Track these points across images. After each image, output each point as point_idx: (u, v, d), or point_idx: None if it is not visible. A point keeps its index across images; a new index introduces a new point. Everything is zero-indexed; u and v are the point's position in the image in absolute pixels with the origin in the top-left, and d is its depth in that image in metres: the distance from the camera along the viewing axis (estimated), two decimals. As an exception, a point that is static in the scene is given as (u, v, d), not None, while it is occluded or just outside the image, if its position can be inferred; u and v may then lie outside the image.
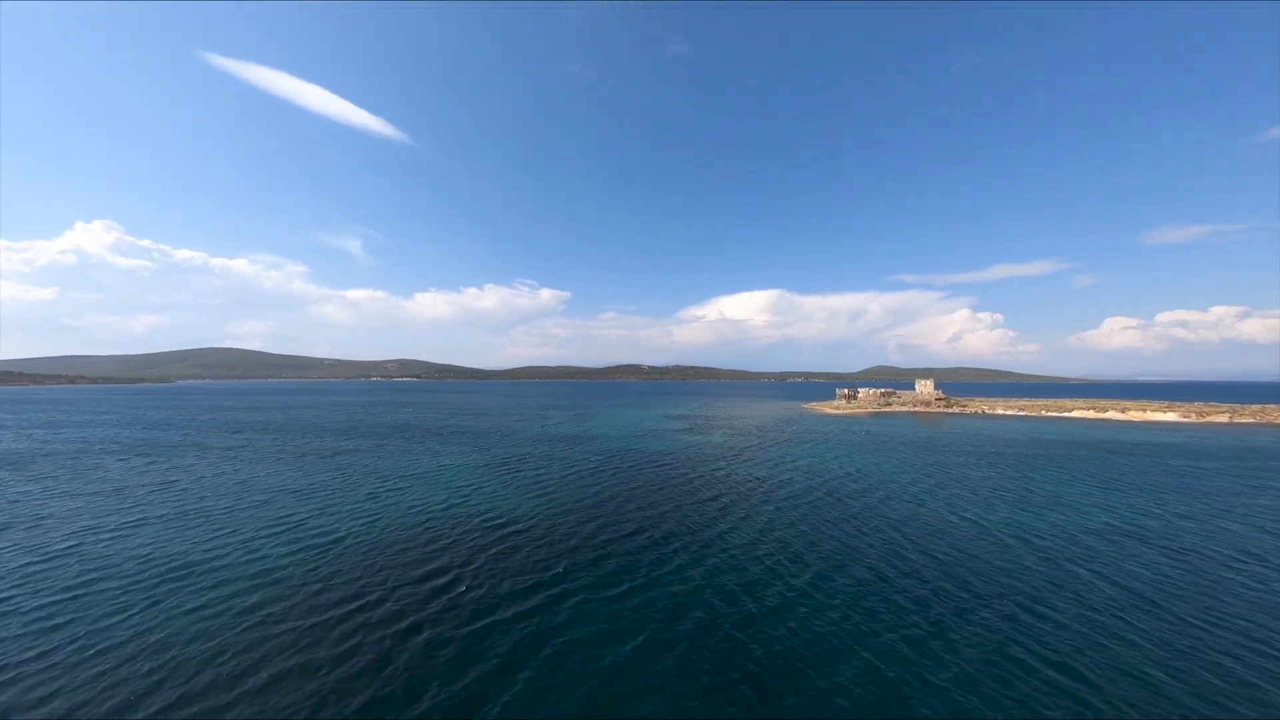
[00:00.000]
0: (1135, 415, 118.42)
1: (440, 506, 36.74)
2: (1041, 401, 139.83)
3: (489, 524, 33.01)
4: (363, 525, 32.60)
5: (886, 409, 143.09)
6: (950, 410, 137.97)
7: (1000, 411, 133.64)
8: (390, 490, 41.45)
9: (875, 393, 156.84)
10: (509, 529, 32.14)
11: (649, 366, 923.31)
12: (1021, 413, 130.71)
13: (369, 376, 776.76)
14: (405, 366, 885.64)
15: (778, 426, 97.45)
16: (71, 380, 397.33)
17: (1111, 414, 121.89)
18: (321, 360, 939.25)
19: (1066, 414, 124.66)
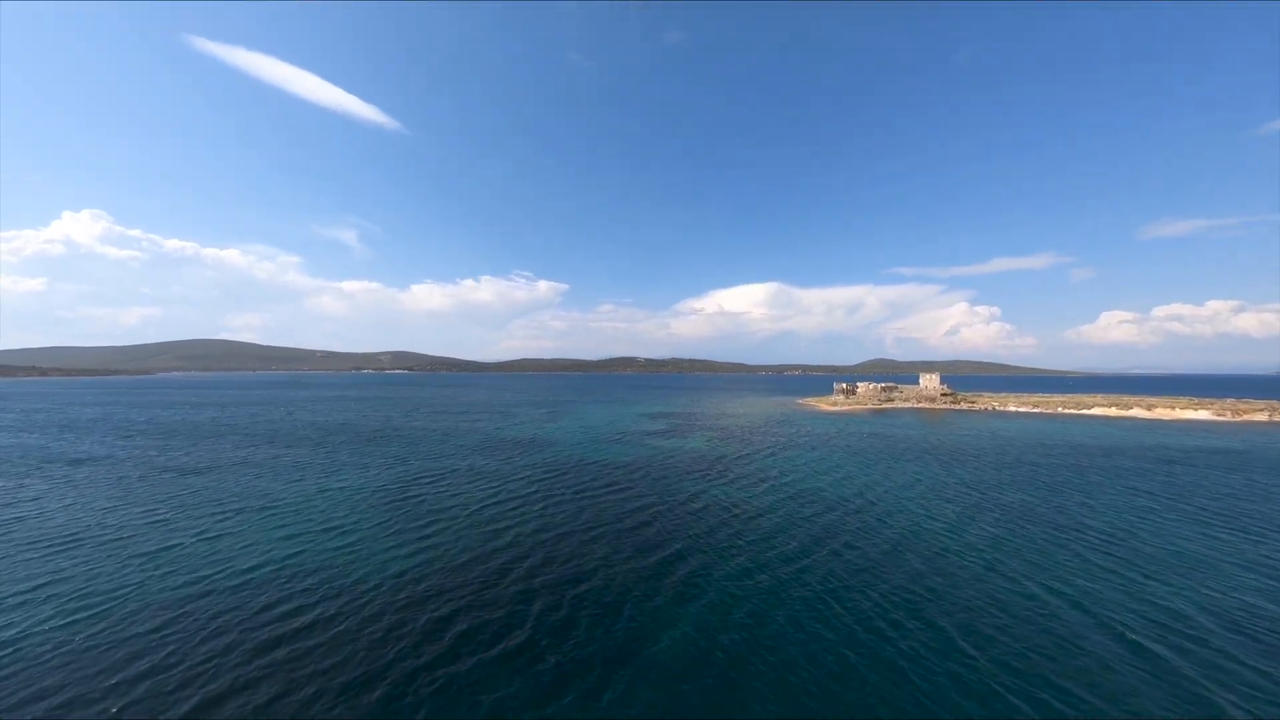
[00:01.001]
0: (1163, 413, 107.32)
1: (243, 570, 24.96)
2: (1056, 397, 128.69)
3: (288, 609, 21.29)
4: (73, 610, 20.91)
5: (888, 405, 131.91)
6: (957, 407, 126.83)
7: (1013, 409, 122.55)
8: (206, 537, 29.63)
9: (875, 388, 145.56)
10: (320, 617, 20.48)
11: (645, 359, 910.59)
12: (1036, 410, 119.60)
13: (361, 369, 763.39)
14: (399, 359, 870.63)
15: (769, 427, 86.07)
16: (44, 373, 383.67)
17: (1136, 412, 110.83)
18: (314, 352, 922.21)
19: (1086, 411, 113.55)
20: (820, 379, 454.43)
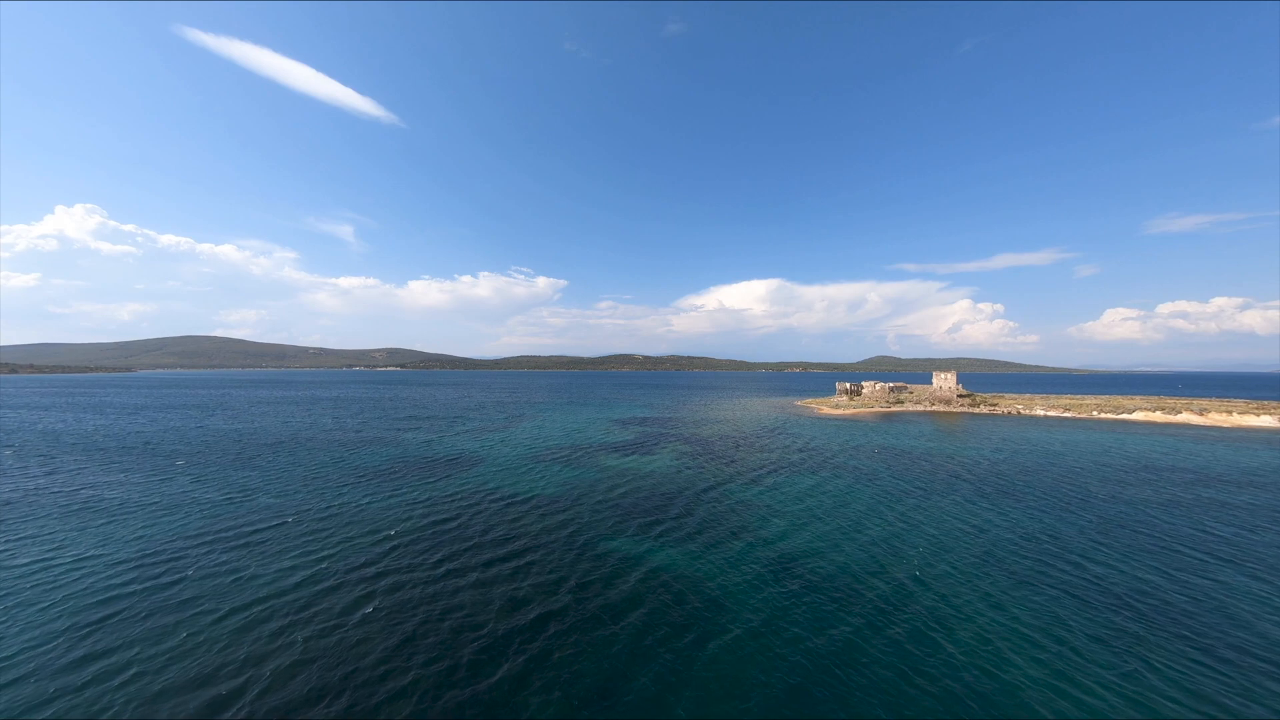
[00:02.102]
0: (1219, 419, 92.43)
1: None
2: (1089, 399, 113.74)
3: None
4: None
5: (897, 408, 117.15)
6: (977, 410, 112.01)
7: (1040, 412, 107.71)
8: None
9: (883, 388, 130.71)
10: None
11: (643, 356, 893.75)
12: (1068, 414, 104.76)
13: (352, 366, 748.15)
14: (394, 356, 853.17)
15: (759, 437, 71.42)
16: (14, 369, 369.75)
17: (1186, 417, 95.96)
18: (306, 349, 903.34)
19: (1127, 417, 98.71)
20: (821, 377, 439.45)
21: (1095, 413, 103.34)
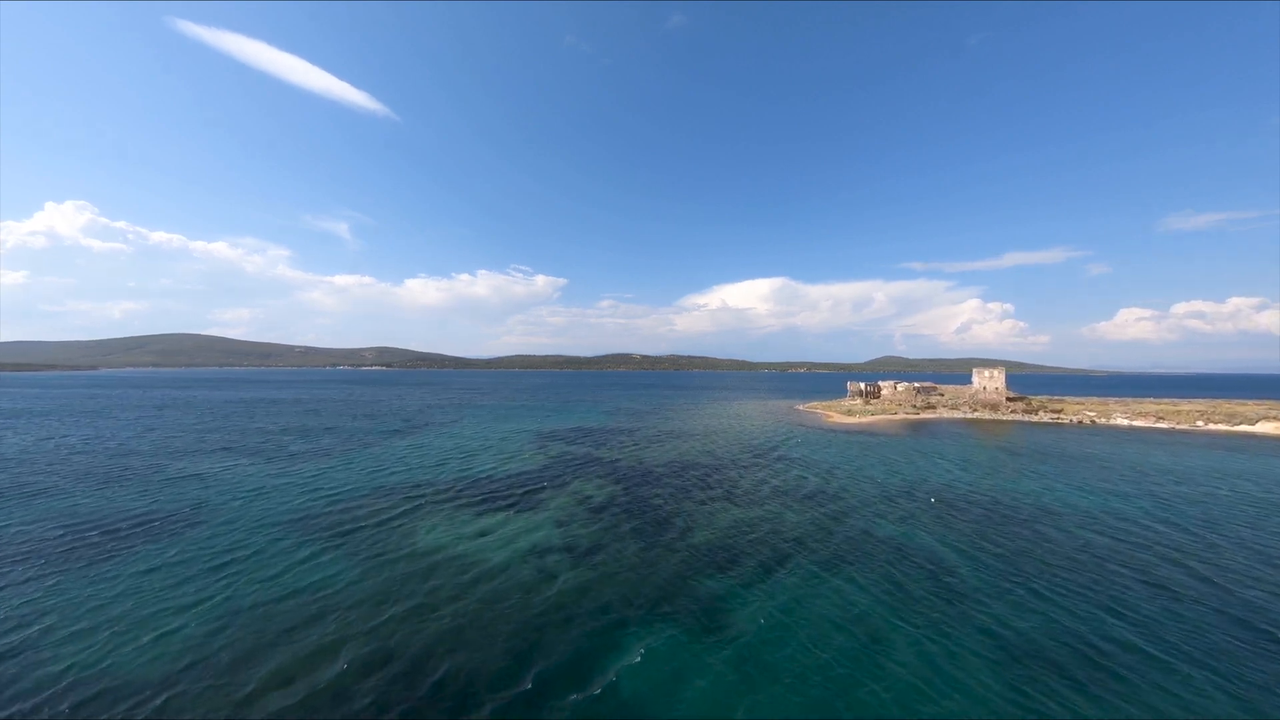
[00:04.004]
0: (1390, 433, 66.37)
1: None
2: (1184, 405, 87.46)
3: None
4: None
5: (928, 414, 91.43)
6: (1035, 418, 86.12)
7: (1122, 421, 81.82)
8: None
9: (907, 389, 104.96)
10: None
11: (641, 356, 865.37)
12: (1161, 424, 78.89)
13: (337, 365, 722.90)
14: (383, 355, 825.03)
15: (738, 465, 46.16)
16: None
17: (1336, 430, 69.96)
18: (293, 348, 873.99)
19: (1251, 429, 72.65)
20: (827, 377, 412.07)
21: (1200, 423, 77.32)
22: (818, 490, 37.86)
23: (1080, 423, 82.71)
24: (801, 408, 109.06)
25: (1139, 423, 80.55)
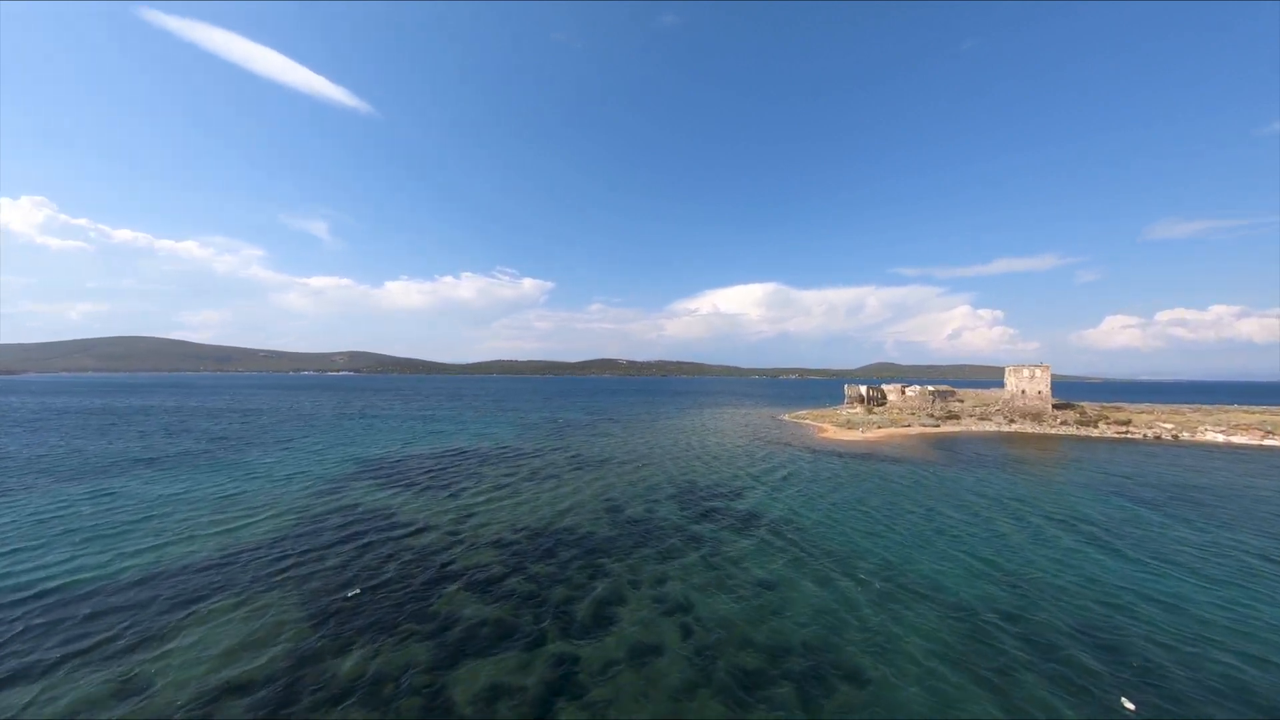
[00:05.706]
0: None
1: None
2: (1274, 412, 66.53)
3: None
4: None
5: (951, 426, 69.93)
6: (1093, 431, 64.92)
7: (1214, 437, 60.92)
8: None
9: (921, 393, 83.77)
10: None
11: (627, 361, 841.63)
12: (1269, 441, 58.13)
13: (301, 370, 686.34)
14: (355, 359, 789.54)
15: (672, 524, 23.91)
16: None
17: None
18: (256, 352, 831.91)
19: None
20: (820, 384, 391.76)
21: (1326, 439, 56.59)
22: (807, 650, 15.73)
23: (1158, 438, 61.73)
24: (788, 418, 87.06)
25: (1238, 438, 59.72)
